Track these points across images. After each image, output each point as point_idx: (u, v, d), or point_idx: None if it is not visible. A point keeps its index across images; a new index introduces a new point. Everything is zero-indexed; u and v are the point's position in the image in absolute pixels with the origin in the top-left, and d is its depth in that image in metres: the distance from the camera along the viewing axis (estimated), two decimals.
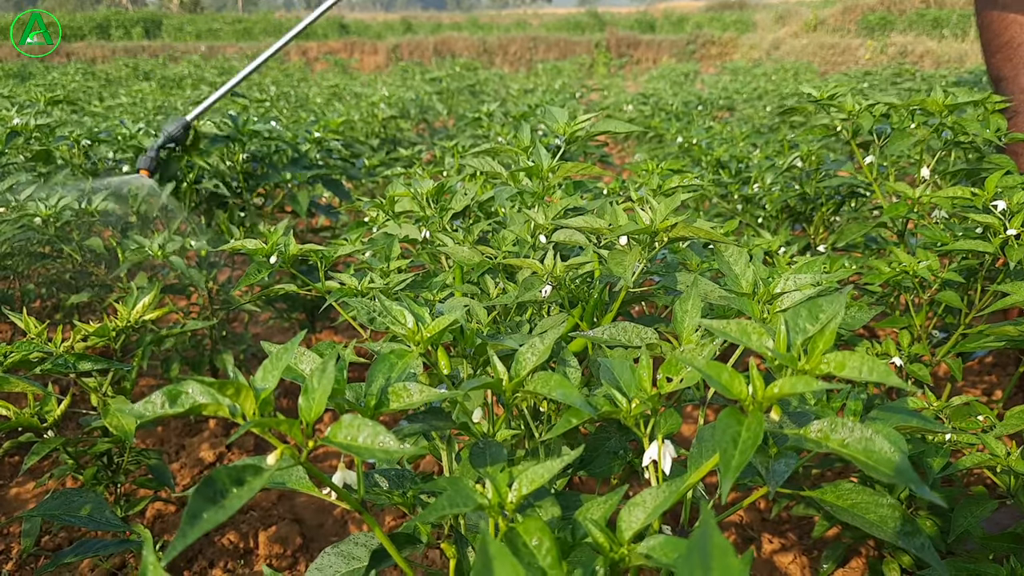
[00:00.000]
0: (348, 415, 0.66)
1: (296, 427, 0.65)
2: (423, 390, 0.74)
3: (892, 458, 0.62)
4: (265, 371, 0.68)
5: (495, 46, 23.23)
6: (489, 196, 1.71)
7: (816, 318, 0.70)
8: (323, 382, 0.67)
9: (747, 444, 0.61)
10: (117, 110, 5.43)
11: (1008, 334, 1.31)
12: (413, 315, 0.90)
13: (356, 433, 0.65)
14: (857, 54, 19.39)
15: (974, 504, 1.27)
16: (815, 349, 0.67)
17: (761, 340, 0.69)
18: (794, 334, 0.69)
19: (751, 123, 5.74)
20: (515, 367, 0.88)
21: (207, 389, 0.66)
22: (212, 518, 0.58)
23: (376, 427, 0.65)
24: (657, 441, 0.83)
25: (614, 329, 1.01)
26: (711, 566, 0.41)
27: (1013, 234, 1.41)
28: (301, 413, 0.67)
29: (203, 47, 21.04)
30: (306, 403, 0.67)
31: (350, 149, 3.87)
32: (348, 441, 0.65)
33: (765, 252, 1.83)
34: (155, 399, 0.68)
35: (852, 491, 0.73)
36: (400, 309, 0.90)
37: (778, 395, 0.65)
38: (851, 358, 0.65)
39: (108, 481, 1.85)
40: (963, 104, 1.70)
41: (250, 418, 0.65)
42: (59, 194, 2.22)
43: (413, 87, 9.25)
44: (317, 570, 0.87)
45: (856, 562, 2.05)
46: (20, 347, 1.41)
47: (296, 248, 1.44)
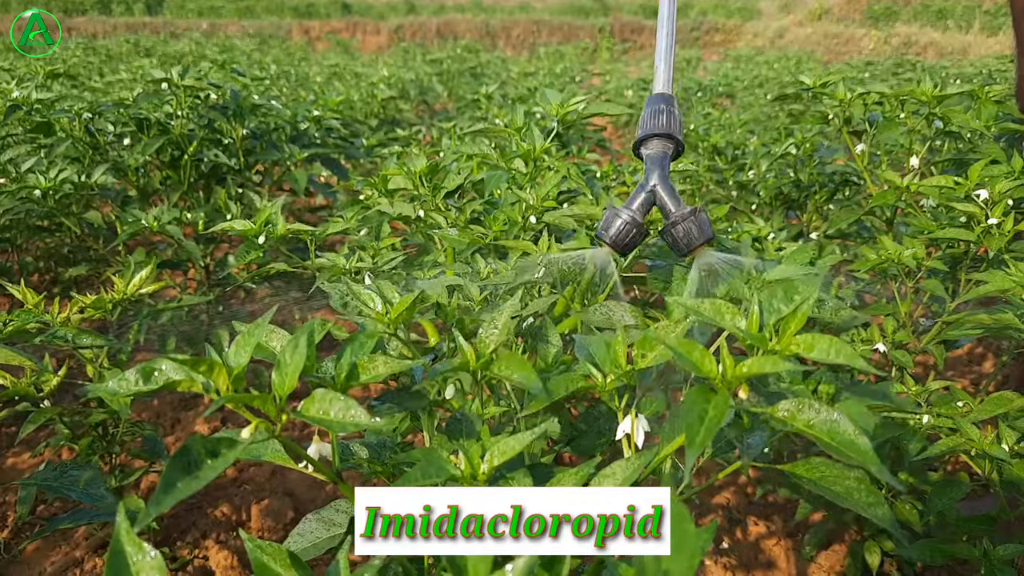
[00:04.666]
0: (320, 390, 0.69)
1: (269, 401, 0.67)
2: (388, 362, 0.77)
3: (855, 440, 0.64)
4: (237, 347, 0.70)
5: (498, 29, 23.12)
6: (483, 176, 1.73)
7: (791, 299, 0.72)
8: (295, 358, 0.70)
9: (713, 422, 0.63)
10: (117, 86, 5.43)
11: (983, 322, 1.33)
12: (382, 297, 0.93)
13: (328, 407, 0.68)
14: (861, 44, 19.33)
15: (949, 487, 1.30)
16: (786, 330, 0.69)
17: (734, 320, 0.71)
18: (767, 314, 0.71)
19: (750, 111, 5.75)
20: (479, 346, 0.90)
21: (180, 366, 0.68)
22: (186, 487, 0.60)
23: (347, 401, 0.67)
24: (631, 415, 0.85)
25: (605, 308, 1.04)
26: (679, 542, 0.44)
27: (994, 223, 1.43)
28: (274, 388, 0.70)
29: (204, 24, 20.94)
30: (279, 378, 0.70)
31: (349, 129, 3.88)
32: (320, 415, 0.68)
33: (754, 238, 1.85)
34: (129, 376, 0.70)
35: (821, 464, 0.75)
36: (368, 293, 0.93)
37: (746, 374, 0.67)
38: (820, 340, 0.67)
39: (103, 451, 1.87)
40: (952, 95, 1.72)
41: (224, 394, 0.67)
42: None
43: (414, 68, 9.23)
44: (299, 535, 0.90)
45: (838, 546, 2.08)
46: (18, 316, 1.43)
47: (284, 228, 1.46)
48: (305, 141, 3.04)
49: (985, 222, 1.46)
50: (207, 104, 2.65)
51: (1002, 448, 1.18)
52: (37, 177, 2.24)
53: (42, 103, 2.52)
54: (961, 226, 1.59)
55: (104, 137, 2.63)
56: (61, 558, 2.04)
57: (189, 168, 2.61)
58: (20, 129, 2.68)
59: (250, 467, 2.49)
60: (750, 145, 3.39)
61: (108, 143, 2.64)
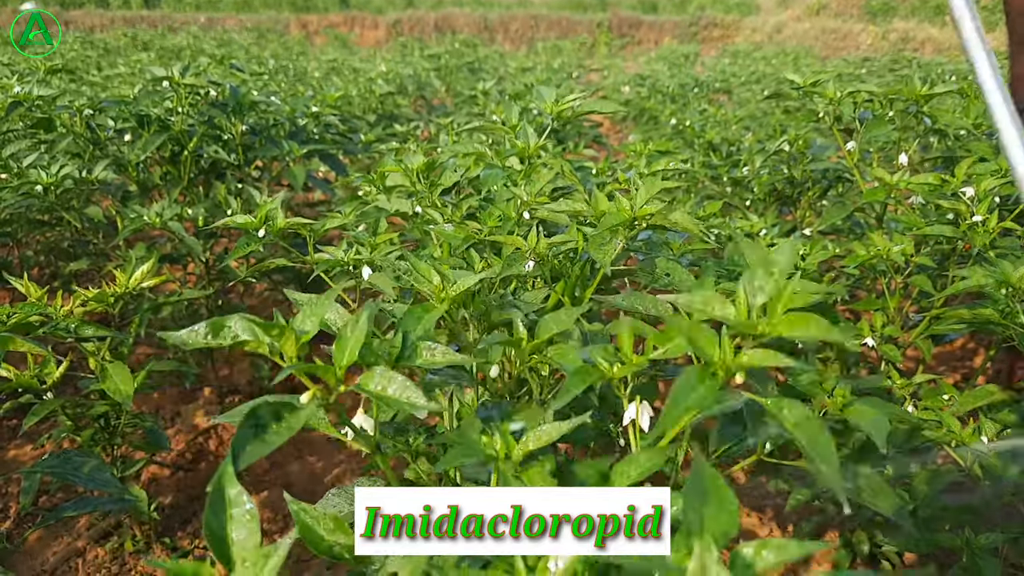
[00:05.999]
0: (380, 367, 0.72)
1: (331, 372, 0.70)
2: (447, 352, 0.80)
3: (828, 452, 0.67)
4: (305, 316, 0.73)
5: (496, 23, 23.10)
6: (479, 173, 1.76)
7: (770, 273, 0.74)
8: (356, 333, 0.73)
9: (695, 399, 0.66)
10: (115, 80, 5.44)
11: (963, 317, 1.36)
12: (439, 274, 0.96)
13: (387, 384, 0.71)
14: (859, 40, 19.34)
15: (931, 477, 1.33)
16: (774, 311, 0.71)
17: (724, 309, 0.74)
18: (751, 296, 0.73)
19: (746, 107, 5.77)
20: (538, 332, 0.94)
21: (250, 326, 0.71)
22: (254, 452, 0.64)
23: (406, 381, 0.70)
24: (636, 402, 0.89)
25: (633, 297, 1.07)
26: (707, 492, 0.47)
27: (979, 220, 1.46)
28: (335, 359, 0.72)
29: (202, 18, 20.90)
30: (339, 351, 0.73)
31: (347, 124, 3.90)
32: (379, 391, 0.71)
33: (746, 234, 1.88)
34: (199, 329, 0.72)
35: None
36: (427, 267, 0.96)
37: (746, 364, 0.70)
38: (803, 320, 0.70)
39: (105, 443, 1.90)
40: (940, 93, 1.75)
41: (290, 360, 0.70)
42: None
43: (412, 63, 9.24)
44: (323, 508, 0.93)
45: (830, 535, 2.12)
46: (22, 309, 1.46)
47: (283, 221, 1.49)
48: (303, 137, 3.07)
49: (970, 219, 1.49)
50: (207, 101, 2.68)
51: (981, 440, 1.21)
52: (39, 172, 2.27)
53: (43, 99, 2.54)
54: (948, 223, 1.63)
55: (105, 133, 2.65)
56: (63, 548, 2.07)
57: (189, 164, 2.64)
58: (21, 125, 2.71)
59: None
60: (745, 141, 3.42)
61: (109, 139, 2.66)
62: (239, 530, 0.59)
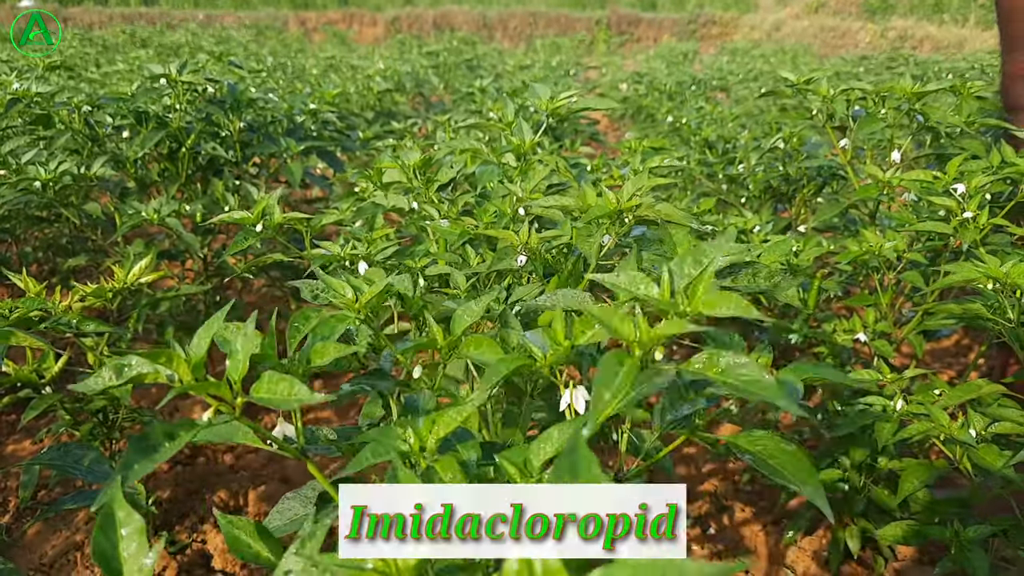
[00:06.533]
0: (268, 372, 0.75)
1: (223, 387, 0.73)
2: (338, 347, 0.84)
3: (760, 379, 0.68)
4: (197, 339, 0.76)
5: (495, 20, 23.09)
6: (475, 169, 1.77)
7: (699, 263, 0.77)
8: (245, 345, 0.76)
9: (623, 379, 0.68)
10: (114, 77, 5.45)
11: (952, 311, 1.38)
12: (352, 287, 0.99)
13: (275, 387, 0.74)
14: (857, 37, 19.36)
15: (918, 470, 1.35)
16: (695, 292, 0.74)
17: (648, 288, 0.77)
18: (678, 279, 0.76)
19: (743, 105, 5.79)
20: (452, 327, 0.97)
21: (144, 360, 0.73)
22: (142, 468, 0.68)
23: (292, 380, 0.73)
24: (571, 387, 0.92)
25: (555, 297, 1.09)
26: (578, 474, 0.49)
27: (969, 216, 1.48)
28: (228, 373, 0.76)
29: (200, 15, 20.88)
30: (232, 363, 0.76)
31: (345, 121, 3.92)
32: (269, 395, 0.74)
33: (740, 230, 1.89)
34: (104, 373, 0.76)
35: (762, 437, 0.80)
36: (339, 282, 0.99)
37: (660, 335, 0.72)
38: (722, 298, 0.72)
39: (104, 437, 1.92)
40: (931, 91, 1.76)
41: (185, 382, 0.73)
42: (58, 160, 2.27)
43: (410, 60, 9.25)
44: (278, 512, 0.96)
45: (821, 531, 2.13)
46: (23, 304, 1.48)
47: (280, 216, 1.51)
48: (301, 134, 3.08)
49: (961, 215, 1.51)
50: (205, 97, 2.69)
51: (969, 433, 1.22)
52: (37, 169, 2.28)
53: (42, 96, 2.55)
54: (939, 219, 1.64)
55: (103, 129, 2.66)
56: (62, 542, 2.09)
57: (187, 160, 2.65)
58: (20, 121, 2.72)
59: (248, 454, 2.54)
60: (741, 139, 3.43)
61: (107, 135, 2.67)
62: (129, 546, 0.63)
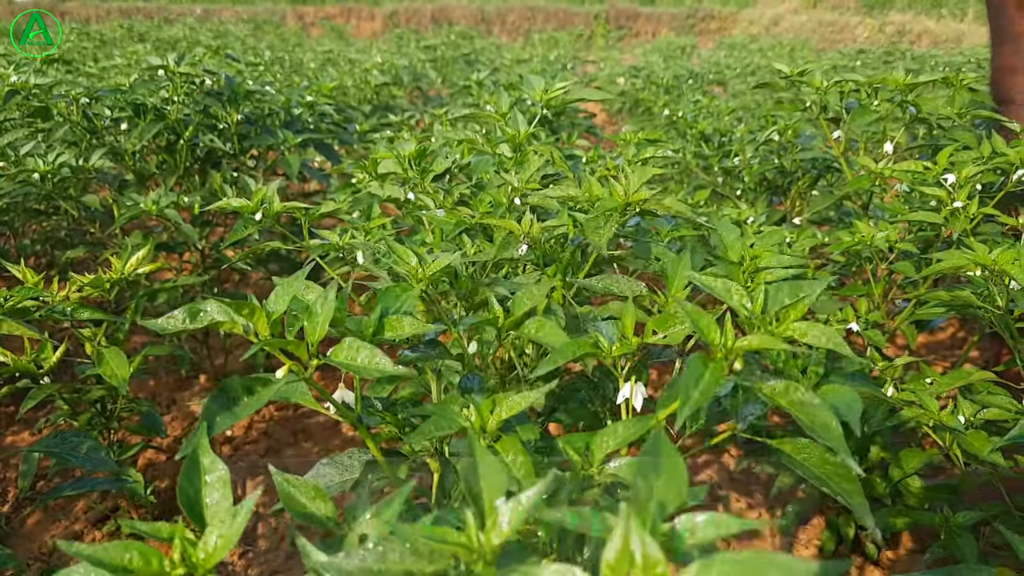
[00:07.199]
0: (349, 338, 0.75)
1: (302, 347, 0.74)
2: (414, 323, 0.84)
3: (829, 424, 0.72)
4: (277, 296, 0.77)
5: (493, 15, 23.08)
6: (471, 160, 1.78)
7: (795, 295, 0.80)
8: (325, 308, 0.76)
9: (707, 384, 0.70)
10: (112, 71, 5.45)
11: (941, 298, 1.39)
12: (416, 255, 0.99)
13: (355, 354, 0.74)
14: (855, 32, 19.36)
15: (908, 456, 1.36)
16: (787, 316, 0.77)
17: (741, 299, 0.79)
18: (772, 302, 0.79)
19: (740, 99, 5.80)
20: (513, 308, 0.98)
21: (224, 308, 0.74)
22: (224, 421, 0.68)
23: (373, 349, 0.74)
24: (631, 382, 0.92)
25: (608, 280, 1.10)
26: (662, 466, 0.50)
27: (959, 206, 1.49)
28: (306, 334, 0.76)
29: (199, 10, 20.86)
30: (311, 326, 0.76)
31: (343, 114, 3.92)
32: (348, 360, 0.74)
33: (734, 222, 1.90)
34: (177, 315, 0.76)
35: (807, 446, 0.82)
36: (404, 249, 0.99)
37: (746, 347, 0.74)
38: (813, 328, 0.74)
39: (102, 427, 1.93)
40: (922, 83, 1.78)
41: (262, 337, 0.73)
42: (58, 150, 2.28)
43: (408, 54, 9.25)
44: (313, 478, 0.96)
45: (817, 520, 2.15)
46: (19, 292, 1.48)
47: (279, 205, 1.52)
48: (299, 126, 3.08)
49: (951, 205, 1.52)
50: (202, 90, 2.70)
51: (957, 419, 1.24)
52: (36, 161, 2.29)
53: (40, 88, 2.56)
54: (930, 210, 1.66)
55: (101, 122, 2.67)
56: (61, 531, 2.10)
57: (185, 153, 2.66)
58: (18, 113, 2.73)
59: (246, 445, 2.55)
60: (737, 132, 3.45)
61: (105, 128, 2.68)
62: (212, 494, 0.63)
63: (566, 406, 1.36)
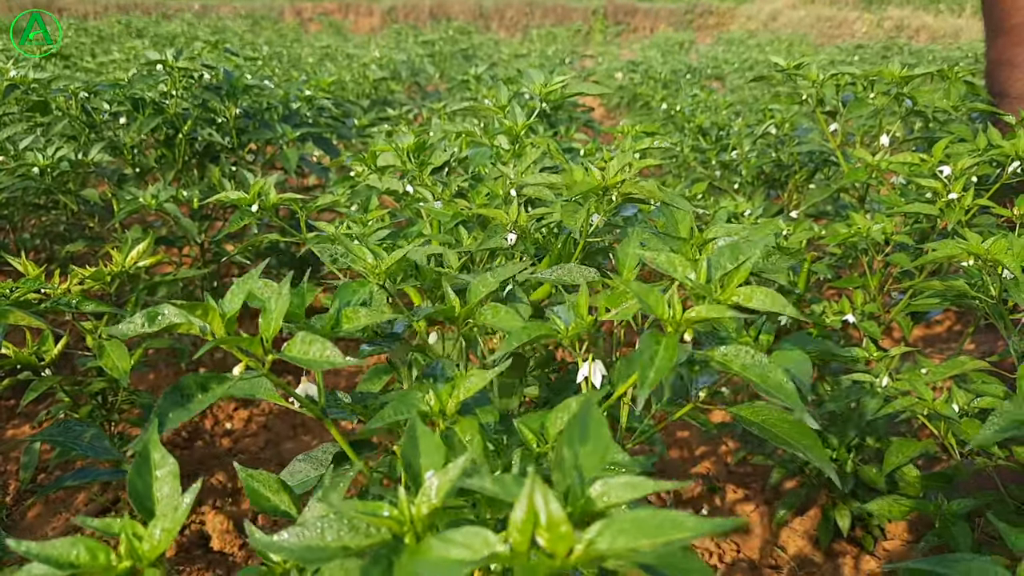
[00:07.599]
0: (301, 332, 0.77)
1: (256, 343, 0.75)
2: (370, 313, 0.85)
3: (782, 383, 0.73)
4: (231, 295, 0.78)
5: (491, 10, 23.06)
6: (468, 152, 1.79)
7: (736, 258, 0.80)
8: (279, 303, 0.78)
9: (663, 360, 0.71)
10: (110, 66, 5.45)
11: (935, 288, 1.40)
12: (372, 252, 1.00)
13: (308, 348, 0.76)
14: (854, 27, 19.37)
15: (902, 446, 1.38)
16: (731, 282, 0.77)
17: (685, 271, 0.79)
18: (715, 269, 0.79)
19: (738, 93, 5.81)
20: (468, 297, 0.98)
21: (179, 311, 0.76)
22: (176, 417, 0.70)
23: (325, 343, 0.75)
24: (588, 360, 0.93)
25: (560, 270, 1.11)
26: (588, 435, 0.51)
27: (954, 197, 1.50)
28: (261, 330, 0.78)
29: (197, 5, 20.84)
30: (265, 321, 0.78)
31: (341, 109, 3.93)
32: (301, 355, 0.76)
33: (731, 214, 1.92)
34: (136, 320, 0.78)
35: (764, 408, 0.83)
36: (359, 247, 1.01)
37: (695, 318, 0.74)
38: (758, 292, 0.75)
39: (103, 419, 1.94)
40: (918, 75, 1.79)
41: (218, 335, 0.75)
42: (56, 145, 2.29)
43: (406, 49, 9.25)
44: (288, 474, 0.98)
45: (812, 510, 2.16)
46: (23, 284, 1.49)
47: (276, 197, 1.53)
48: (297, 120, 3.09)
49: (946, 197, 1.54)
50: (201, 84, 2.70)
51: (952, 408, 1.25)
52: (35, 155, 2.30)
53: (39, 82, 2.57)
54: (926, 201, 1.67)
55: (100, 116, 2.68)
56: (62, 524, 2.11)
57: (183, 147, 2.66)
58: (17, 108, 2.73)
59: (245, 438, 2.57)
60: (735, 126, 3.46)
61: (104, 122, 2.69)
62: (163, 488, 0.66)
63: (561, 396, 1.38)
